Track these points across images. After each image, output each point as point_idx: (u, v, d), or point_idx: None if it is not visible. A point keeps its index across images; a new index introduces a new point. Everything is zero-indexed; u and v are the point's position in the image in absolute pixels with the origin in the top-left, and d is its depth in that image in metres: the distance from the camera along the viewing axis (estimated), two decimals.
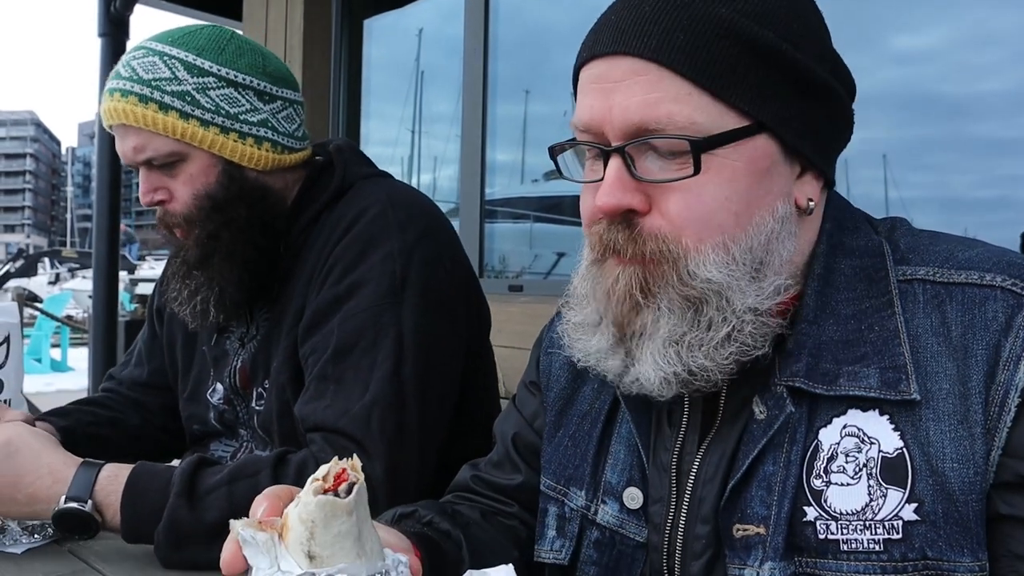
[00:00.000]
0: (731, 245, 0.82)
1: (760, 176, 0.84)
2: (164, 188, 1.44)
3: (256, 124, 1.44)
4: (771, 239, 0.84)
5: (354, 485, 0.70)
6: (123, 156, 1.44)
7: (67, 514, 1.19)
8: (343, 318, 1.37)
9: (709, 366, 0.84)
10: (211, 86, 1.40)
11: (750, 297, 0.83)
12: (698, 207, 0.82)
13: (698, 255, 0.82)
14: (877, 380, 0.83)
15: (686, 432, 0.94)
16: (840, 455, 0.84)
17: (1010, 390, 0.79)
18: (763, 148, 0.84)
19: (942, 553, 0.79)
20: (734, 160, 0.82)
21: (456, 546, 0.99)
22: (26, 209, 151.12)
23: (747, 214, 0.83)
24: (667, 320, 0.83)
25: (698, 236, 0.82)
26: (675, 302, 0.83)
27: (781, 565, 0.83)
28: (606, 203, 0.83)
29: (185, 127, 1.38)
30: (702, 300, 0.83)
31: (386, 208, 1.44)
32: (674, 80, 0.80)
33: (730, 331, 0.83)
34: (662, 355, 0.84)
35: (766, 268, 0.84)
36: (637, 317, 0.85)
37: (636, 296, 0.84)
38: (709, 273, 0.82)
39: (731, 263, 0.82)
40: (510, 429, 1.17)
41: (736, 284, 0.83)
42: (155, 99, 1.37)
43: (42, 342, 12.80)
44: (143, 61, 1.40)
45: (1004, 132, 2.39)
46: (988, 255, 0.86)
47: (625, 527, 0.98)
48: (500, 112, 3.64)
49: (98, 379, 3.94)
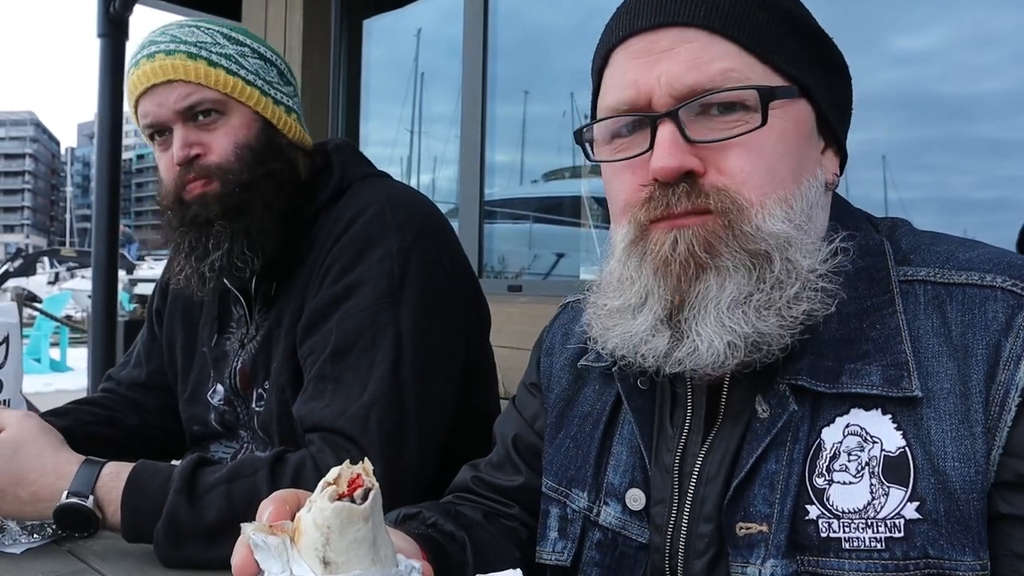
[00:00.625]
0: (792, 201, 0.83)
1: (804, 139, 0.86)
2: (199, 144, 1.43)
3: (285, 95, 1.52)
4: (814, 204, 0.86)
5: (370, 491, 0.70)
6: (160, 111, 1.43)
7: (68, 509, 1.19)
8: (341, 318, 1.37)
9: (778, 326, 0.81)
10: (248, 54, 1.48)
11: (811, 256, 0.83)
12: (760, 161, 0.82)
13: (763, 208, 0.82)
14: (879, 377, 0.83)
15: (688, 432, 0.94)
16: (843, 454, 0.84)
17: (1010, 389, 0.79)
18: (805, 112, 0.86)
19: (944, 552, 0.79)
20: (784, 120, 0.84)
21: (460, 548, 0.99)
22: (25, 209, 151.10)
23: (799, 173, 0.84)
24: (732, 280, 0.81)
25: (761, 191, 0.82)
26: (741, 259, 0.81)
27: (783, 563, 0.83)
28: (667, 164, 0.81)
29: (234, 82, 1.43)
30: (768, 257, 0.82)
31: (384, 208, 1.44)
32: (723, 43, 0.82)
33: (799, 290, 0.82)
34: (728, 317, 0.81)
35: (813, 230, 0.85)
36: (698, 282, 0.82)
37: (699, 256, 0.81)
38: (775, 227, 0.81)
39: (793, 218, 0.82)
40: (510, 430, 1.17)
41: (799, 240, 0.82)
42: (203, 56, 1.42)
43: (41, 342, 12.80)
44: (180, 30, 1.44)
45: (1004, 133, 2.40)
46: (989, 256, 0.87)
47: (627, 528, 0.98)
48: (499, 113, 3.64)
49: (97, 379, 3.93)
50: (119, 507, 1.20)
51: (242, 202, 1.41)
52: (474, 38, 3.61)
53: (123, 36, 4.08)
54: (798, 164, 0.85)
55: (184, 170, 1.43)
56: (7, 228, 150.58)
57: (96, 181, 4.10)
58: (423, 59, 4.36)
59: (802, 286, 0.82)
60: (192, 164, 1.42)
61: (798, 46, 0.86)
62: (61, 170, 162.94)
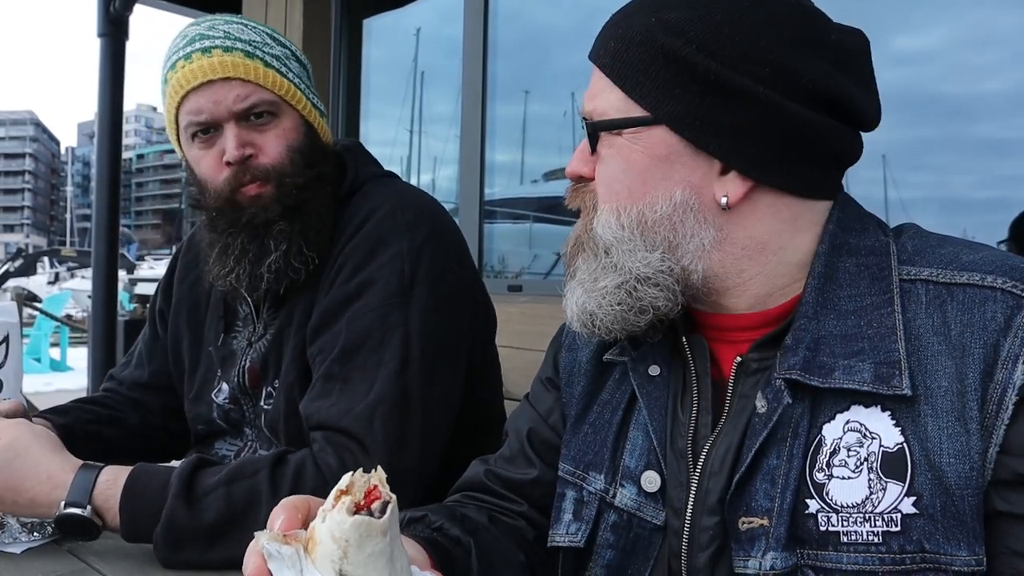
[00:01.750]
0: (621, 213, 0.96)
1: (658, 162, 0.94)
2: (252, 144, 1.42)
3: (318, 99, 1.53)
4: (672, 220, 0.94)
5: (387, 504, 0.70)
6: (216, 108, 1.40)
7: (67, 520, 1.19)
8: (351, 317, 1.37)
9: (598, 311, 0.97)
10: (289, 57, 1.49)
11: (635, 260, 0.95)
12: (604, 176, 0.99)
13: (599, 215, 0.98)
14: (871, 374, 0.85)
15: (697, 418, 0.98)
16: (842, 449, 0.86)
17: (1008, 389, 0.80)
18: (661, 138, 0.94)
19: (939, 546, 0.80)
20: (632, 144, 0.95)
21: (466, 553, 1.00)
22: (25, 209, 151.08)
23: (641, 191, 0.95)
24: (584, 263, 1.00)
25: (603, 199, 0.99)
26: (588, 249, 1.00)
27: (783, 555, 0.85)
28: (567, 168, 1.04)
29: (287, 85, 1.45)
30: (596, 253, 0.98)
31: (395, 208, 1.45)
32: (603, 79, 0.97)
33: (621, 281, 0.96)
34: (573, 291, 1.01)
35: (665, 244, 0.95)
36: (574, 260, 1.02)
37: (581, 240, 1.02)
38: (600, 231, 0.98)
39: (619, 228, 0.96)
40: (525, 424, 1.18)
41: (620, 246, 0.96)
42: (259, 55, 1.43)
43: (41, 342, 12.80)
44: (230, 26, 1.43)
45: (1004, 133, 2.40)
46: (992, 258, 0.88)
47: (643, 510, 1.00)
48: (499, 112, 3.64)
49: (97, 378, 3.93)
50: (117, 513, 1.20)
51: (300, 202, 1.41)
52: (474, 38, 3.60)
53: (123, 36, 4.07)
54: (642, 183, 0.95)
55: (239, 171, 1.40)
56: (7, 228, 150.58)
57: (96, 181, 4.10)
58: (423, 59, 4.36)
59: (621, 281, 0.96)
60: (246, 165, 1.41)
61: (667, 77, 0.92)
62: (61, 170, 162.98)
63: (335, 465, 1.27)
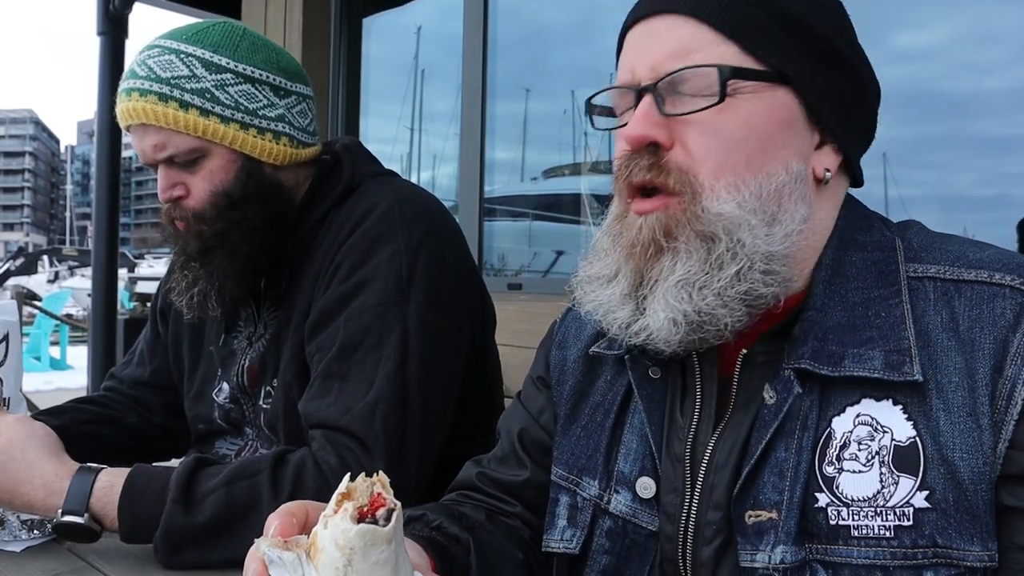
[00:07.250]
0: (741, 186, 0.86)
1: (779, 127, 0.88)
2: (182, 184, 1.43)
3: (274, 119, 1.45)
4: (783, 193, 0.87)
5: (392, 511, 0.69)
6: (142, 155, 1.43)
7: (65, 527, 1.19)
8: (349, 316, 1.37)
9: (718, 306, 0.86)
10: (229, 82, 1.41)
11: (760, 237, 0.86)
12: (716, 142, 0.87)
13: (712, 192, 0.87)
14: (881, 362, 0.85)
15: (698, 423, 0.96)
16: (853, 443, 0.85)
17: (1017, 385, 0.80)
18: (784, 100, 0.89)
19: (952, 541, 0.80)
20: (754, 104, 0.87)
21: (464, 551, 1.00)
22: (25, 207, 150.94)
23: (760, 160, 0.87)
24: (683, 262, 0.87)
25: (713, 174, 0.87)
26: (692, 241, 0.87)
27: (792, 549, 0.85)
28: (632, 132, 0.89)
29: (206, 124, 1.38)
30: (714, 237, 0.86)
31: (393, 206, 1.44)
32: (708, 31, 0.88)
33: (739, 268, 0.86)
34: (674, 295, 0.87)
35: (778, 217, 0.87)
36: (657, 263, 0.89)
37: (659, 240, 0.88)
38: (720, 208, 0.86)
39: (743, 203, 0.86)
40: (516, 425, 1.17)
41: (746, 221, 0.86)
42: (175, 97, 1.37)
43: (41, 340, 12.80)
44: (159, 60, 1.39)
45: (1005, 130, 2.39)
46: (1000, 256, 0.88)
47: (638, 516, 0.99)
48: (500, 110, 3.63)
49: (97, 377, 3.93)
50: (116, 519, 1.20)
51: (208, 248, 1.42)
52: (474, 35, 3.60)
53: (123, 34, 4.07)
54: (762, 150, 0.87)
55: (171, 207, 1.45)
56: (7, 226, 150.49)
57: (96, 179, 4.09)
58: (423, 56, 4.35)
59: (747, 266, 0.86)
60: (175, 203, 1.44)
61: (788, 40, 0.89)
62: (61, 168, 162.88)
63: (335, 464, 1.27)
